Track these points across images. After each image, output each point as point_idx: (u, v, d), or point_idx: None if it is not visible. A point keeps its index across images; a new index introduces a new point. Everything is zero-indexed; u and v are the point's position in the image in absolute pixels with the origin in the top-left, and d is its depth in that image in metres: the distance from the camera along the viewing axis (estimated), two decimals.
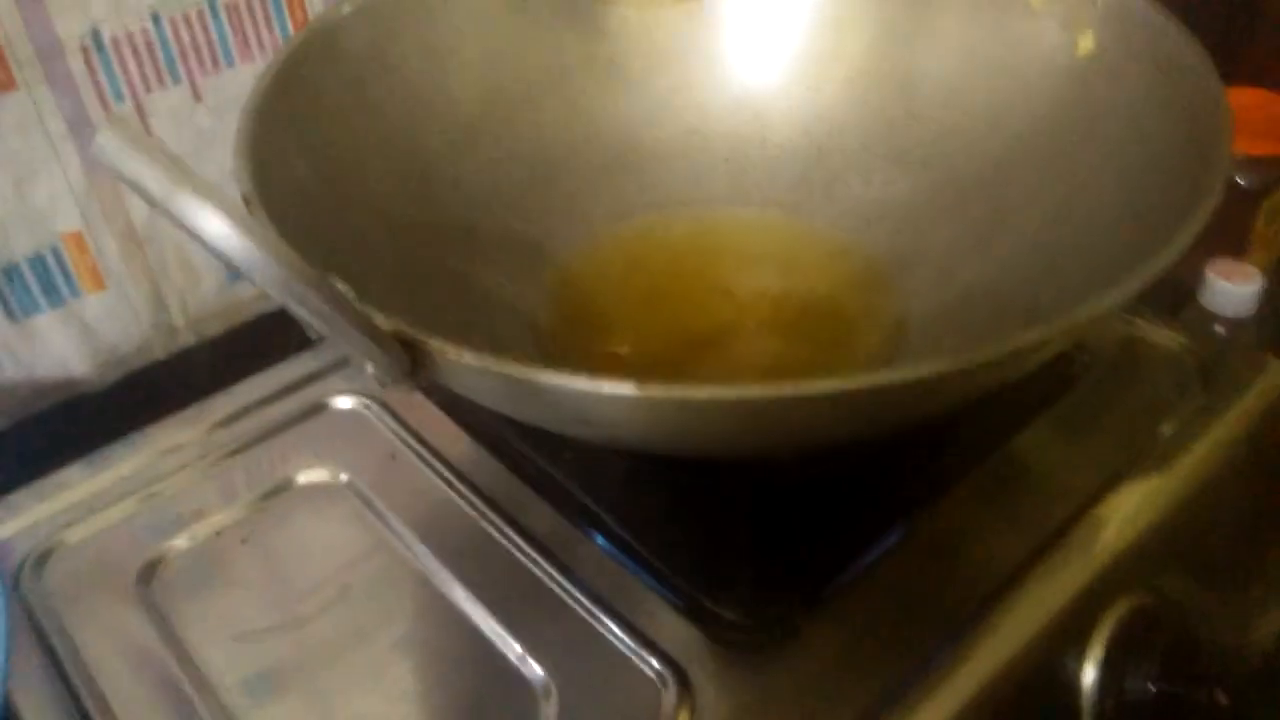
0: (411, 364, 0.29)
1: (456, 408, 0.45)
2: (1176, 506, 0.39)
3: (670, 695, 0.33)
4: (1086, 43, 0.40)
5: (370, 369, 0.28)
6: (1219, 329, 0.53)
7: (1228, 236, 0.53)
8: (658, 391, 0.26)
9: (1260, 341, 0.54)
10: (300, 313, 0.25)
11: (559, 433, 0.33)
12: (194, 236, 0.24)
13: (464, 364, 0.27)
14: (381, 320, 0.28)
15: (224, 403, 0.47)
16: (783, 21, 0.49)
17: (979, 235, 0.41)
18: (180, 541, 0.41)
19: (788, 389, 0.25)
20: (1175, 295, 0.54)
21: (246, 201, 0.33)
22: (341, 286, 0.31)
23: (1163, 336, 0.45)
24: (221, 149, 0.50)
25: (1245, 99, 0.59)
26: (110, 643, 0.37)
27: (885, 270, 0.44)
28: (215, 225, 0.23)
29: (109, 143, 0.23)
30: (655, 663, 0.34)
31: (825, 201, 0.48)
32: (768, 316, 0.44)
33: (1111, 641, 0.36)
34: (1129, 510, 0.38)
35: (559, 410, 0.30)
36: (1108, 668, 0.35)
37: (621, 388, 0.26)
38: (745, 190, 0.50)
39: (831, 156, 0.49)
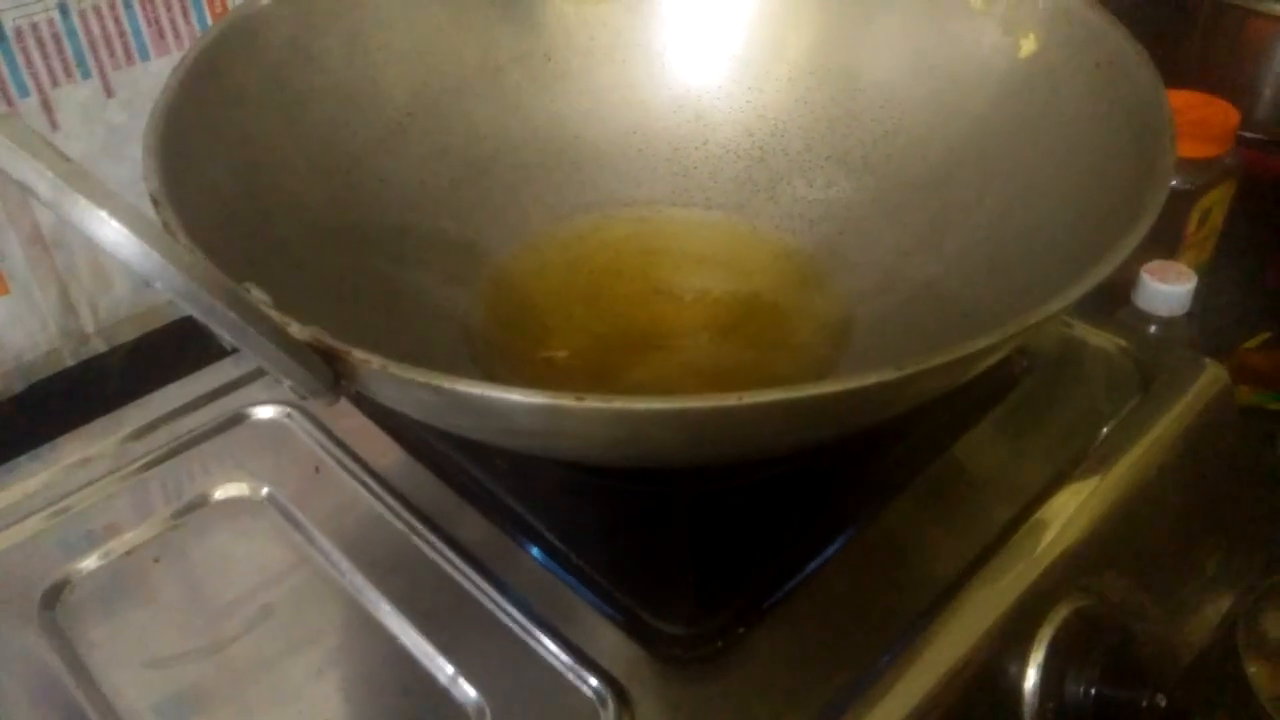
0: (333, 376, 0.27)
1: (385, 416, 0.43)
2: (1116, 507, 0.39)
3: (609, 714, 0.32)
4: (1029, 45, 0.40)
5: (287, 383, 0.26)
6: (1153, 329, 0.53)
7: (1161, 238, 0.53)
8: (596, 404, 0.24)
9: (1193, 340, 0.54)
10: (209, 323, 0.24)
11: (492, 445, 0.32)
12: (90, 241, 0.22)
13: (388, 375, 0.26)
14: (298, 330, 0.26)
15: (137, 413, 0.44)
16: (724, 19, 0.48)
17: (922, 237, 0.41)
18: (89, 562, 0.39)
19: (730, 400, 0.24)
20: (1110, 296, 0.55)
21: (155, 203, 0.31)
22: (257, 293, 0.29)
23: (1101, 338, 0.45)
24: (135, 146, 0.47)
25: (1179, 101, 0.60)
26: (10, 671, 0.35)
27: (829, 271, 0.44)
28: (113, 231, 0.21)
29: None
30: (593, 680, 0.33)
31: (768, 202, 0.47)
32: (710, 319, 0.43)
33: (1052, 645, 0.35)
34: (1070, 512, 0.38)
35: (490, 422, 0.28)
36: (1048, 671, 0.35)
37: (558, 399, 0.25)
38: (687, 190, 0.49)
39: (774, 157, 0.48)
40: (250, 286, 0.29)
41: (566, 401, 0.25)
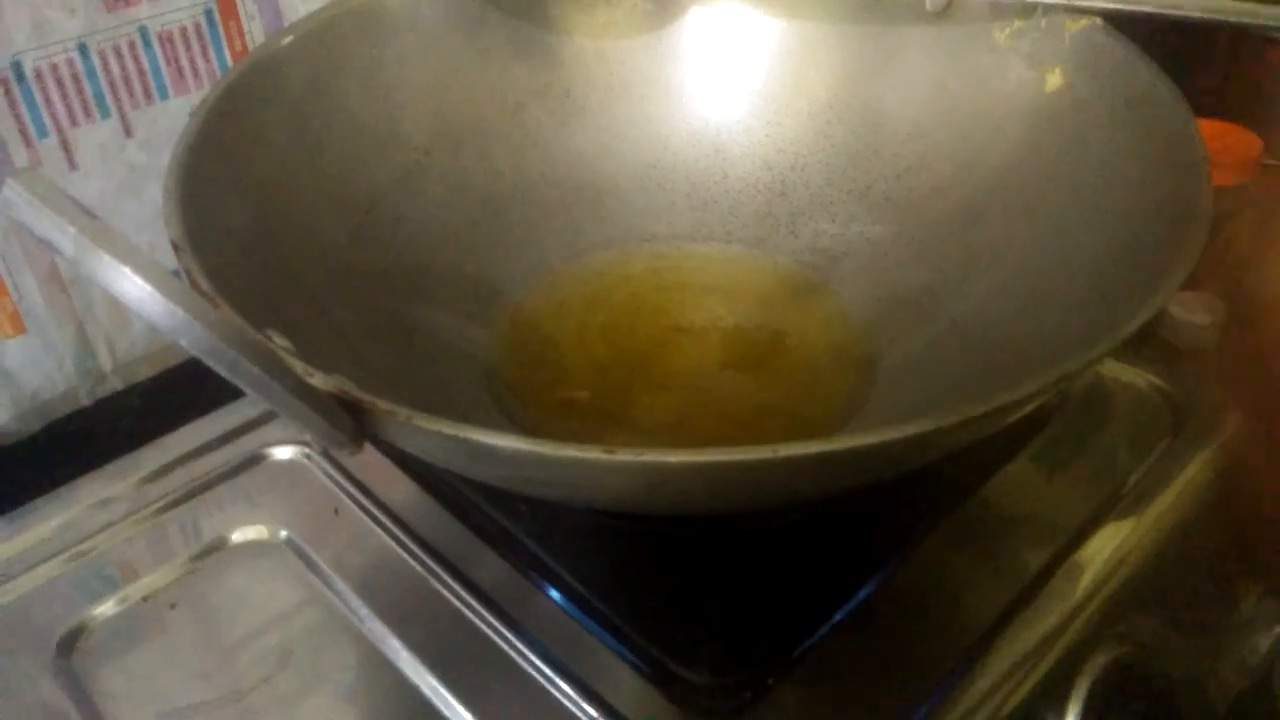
0: (355, 427, 0.27)
1: (404, 457, 0.43)
2: (1153, 550, 0.38)
3: None
4: (1055, 79, 0.40)
5: (312, 435, 0.26)
6: (1181, 362, 0.52)
7: None
8: (627, 457, 0.24)
9: (1220, 374, 0.54)
10: (232, 379, 0.23)
11: (518, 493, 0.31)
12: (113, 297, 0.22)
13: (412, 427, 0.25)
14: (322, 381, 0.26)
15: (155, 454, 0.44)
16: (743, 54, 0.48)
17: (948, 274, 0.40)
18: (106, 608, 0.38)
19: (765, 453, 0.24)
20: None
21: (176, 248, 0.30)
22: (279, 340, 0.29)
23: (1132, 374, 0.44)
24: (154, 185, 0.47)
25: (1200, 130, 0.59)
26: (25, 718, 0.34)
27: (852, 308, 0.43)
28: (136, 288, 0.21)
29: (17, 196, 0.21)
30: None
31: (789, 237, 0.47)
32: (733, 356, 0.42)
33: (1091, 693, 0.34)
34: (1106, 556, 0.37)
35: (516, 472, 0.28)
36: (1088, 718, 0.34)
37: (587, 453, 0.24)
38: (707, 225, 0.48)
39: (795, 191, 0.47)
40: (272, 334, 0.29)
41: (596, 455, 0.24)
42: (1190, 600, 0.42)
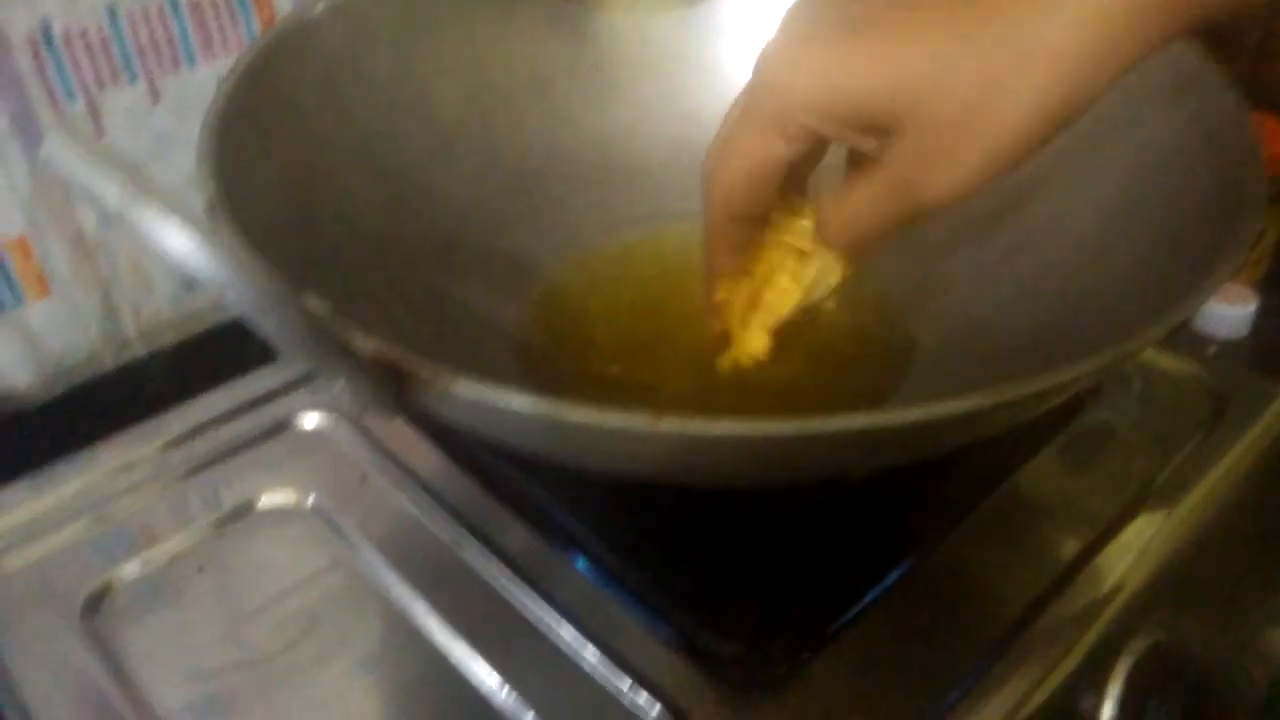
0: (396, 390, 0.26)
1: (432, 424, 0.42)
2: (1190, 538, 0.38)
3: None
4: None
5: (349, 396, 0.25)
6: (1212, 350, 0.52)
7: None
8: (673, 426, 0.24)
9: (1253, 363, 0.53)
10: (272, 335, 0.23)
11: (552, 463, 0.31)
12: (156, 251, 0.21)
13: (452, 392, 0.25)
14: (363, 342, 0.25)
15: (179, 419, 0.44)
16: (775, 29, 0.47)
17: (991, 255, 0.40)
18: (130, 568, 0.38)
19: (813, 426, 0.23)
20: None
21: (211, 208, 0.30)
22: (317, 303, 0.28)
23: (1169, 362, 0.44)
24: (181, 153, 0.47)
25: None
26: (51, 678, 0.34)
27: (888, 290, 0.43)
28: (179, 239, 0.21)
29: (59, 149, 0.20)
30: (652, 703, 0.32)
31: None
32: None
33: (1130, 679, 0.34)
34: (1144, 543, 0.37)
35: (559, 442, 0.28)
36: (1126, 706, 0.34)
37: (630, 420, 0.24)
38: None
39: (827, 170, 0.47)
40: (310, 296, 0.28)
41: (641, 423, 0.24)
42: (1228, 588, 0.41)
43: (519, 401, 0.24)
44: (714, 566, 0.37)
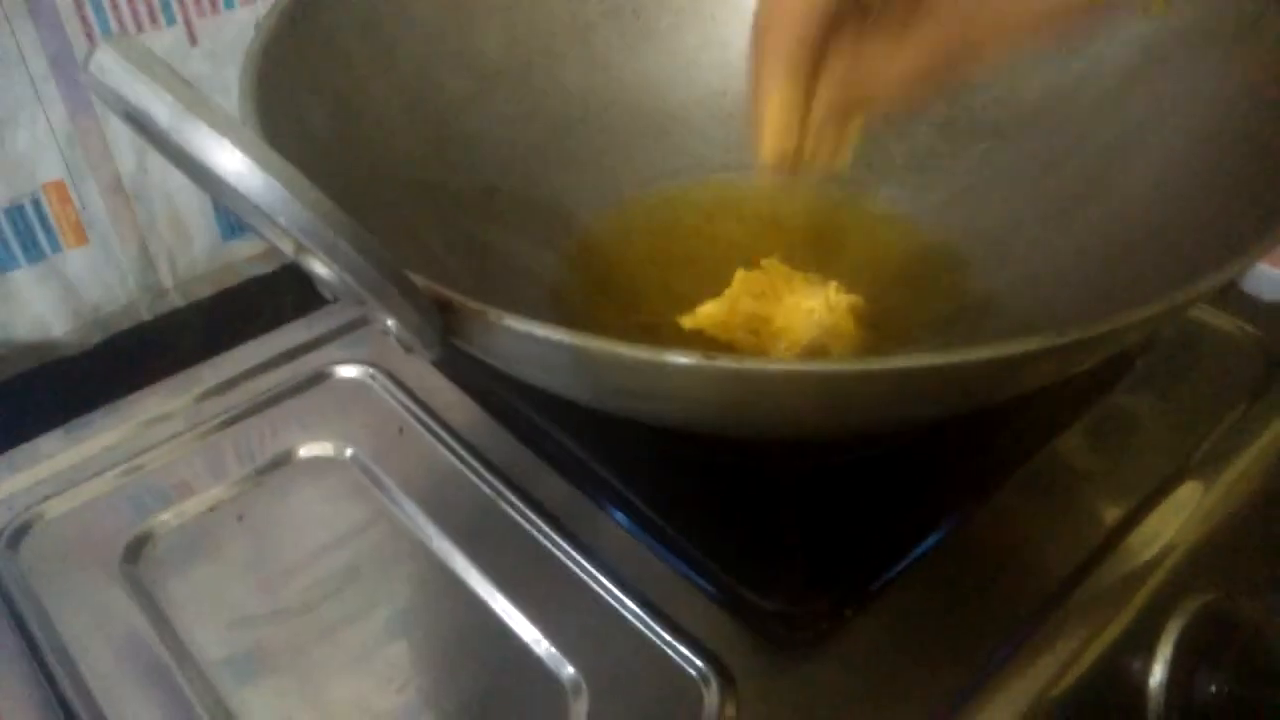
0: (443, 327, 0.26)
1: (467, 377, 0.42)
2: (1242, 499, 0.37)
3: (712, 695, 0.31)
4: (1158, 5, 0.38)
5: (398, 332, 0.25)
6: (1261, 312, 0.51)
7: None
8: (727, 364, 0.23)
9: None
10: (321, 266, 0.22)
11: (592, 406, 0.30)
12: (205, 174, 0.21)
13: (506, 329, 0.24)
14: (416, 278, 0.25)
15: (215, 370, 0.44)
16: None
17: (1041, 211, 0.39)
18: (169, 516, 0.38)
19: (874, 364, 0.22)
20: None
21: None
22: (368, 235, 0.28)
23: (1222, 319, 0.43)
24: (220, 98, 0.46)
25: None
26: (92, 624, 0.34)
27: (938, 242, 0.42)
28: (234, 160, 0.20)
29: (111, 62, 0.20)
30: (696, 659, 0.32)
31: (865, 170, 0.45)
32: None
33: (1180, 642, 0.33)
34: (1194, 506, 0.36)
35: (604, 382, 0.27)
36: (1176, 669, 0.33)
37: (685, 358, 0.23)
38: None
39: (873, 121, 0.46)
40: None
41: (696, 360, 0.23)
42: (1277, 549, 0.40)
43: (569, 338, 0.24)
44: (756, 522, 0.36)
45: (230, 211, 0.26)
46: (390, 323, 0.25)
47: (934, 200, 0.43)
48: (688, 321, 0.39)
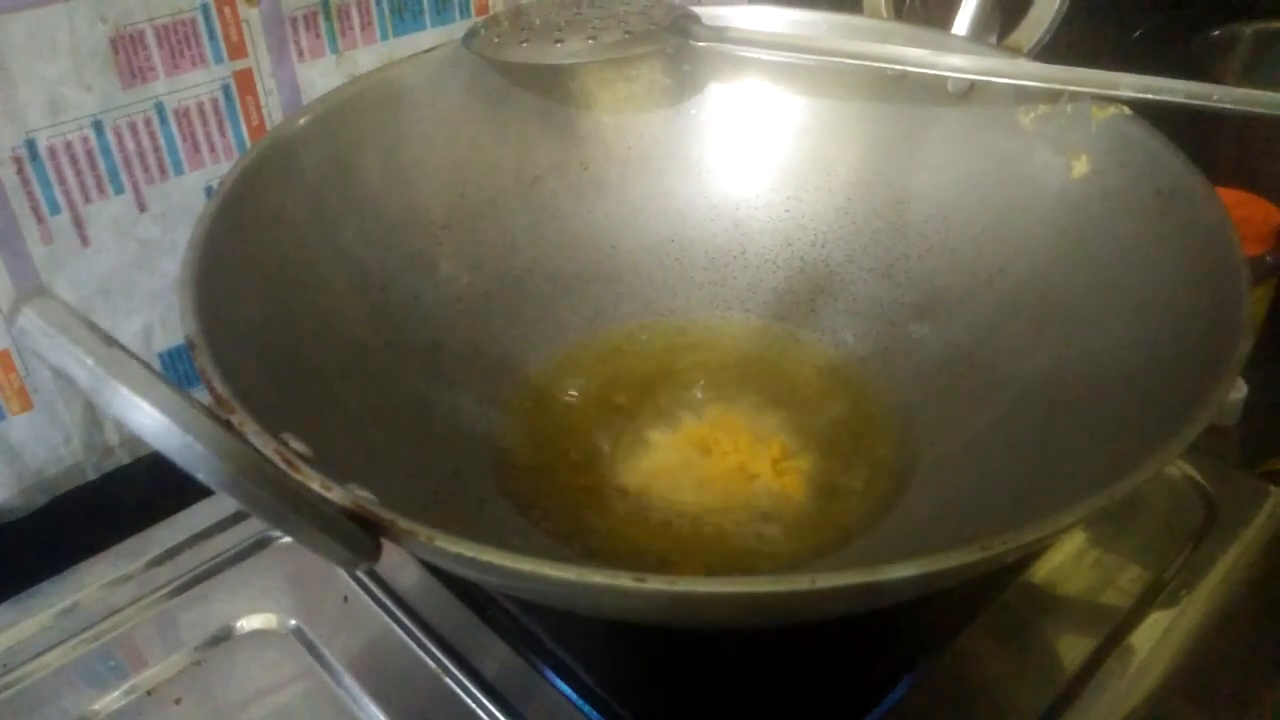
0: (374, 543, 0.26)
1: None
2: (1196, 642, 0.37)
3: None
4: (1081, 166, 0.39)
5: (325, 556, 0.25)
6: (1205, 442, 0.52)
7: None
8: (658, 585, 0.23)
9: (1244, 452, 0.53)
10: (249, 510, 0.22)
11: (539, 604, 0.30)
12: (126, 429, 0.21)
13: (438, 548, 0.24)
14: (340, 496, 0.25)
15: (163, 535, 0.43)
16: (764, 130, 0.48)
17: (975, 362, 0.40)
18: (110, 700, 0.37)
19: (803, 584, 0.23)
20: None
21: (192, 346, 0.30)
22: (296, 446, 0.28)
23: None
24: (167, 259, 0.47)
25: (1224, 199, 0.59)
26: None
27: (878, 391, 0.42)
28: (152, 421, 0.20)
29: (32, 325, 0.20)
30: None
31: (809, 314, 0.46)
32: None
33: None
34: (1150, 647, 0.36)
35: (536, 591, 0.27)
36: None
37: (619, 580, 0.23)
38: (725, 301, 0.48)
39: (814, 268, 0.47)
40: (288, 438, 0.28)
41: (625, 583, 0.23)
42: (1225, 693, 0.40)
43: (495, 558, 0.24)
44: (704, 694, 0.36)
45: None
46: None
47: (871, 347, 0.44)
48: (633, 480, 0.40)
